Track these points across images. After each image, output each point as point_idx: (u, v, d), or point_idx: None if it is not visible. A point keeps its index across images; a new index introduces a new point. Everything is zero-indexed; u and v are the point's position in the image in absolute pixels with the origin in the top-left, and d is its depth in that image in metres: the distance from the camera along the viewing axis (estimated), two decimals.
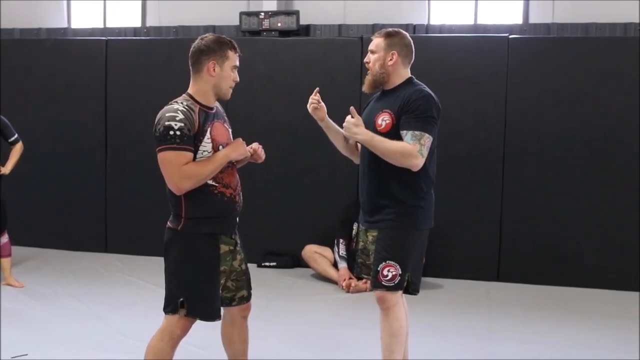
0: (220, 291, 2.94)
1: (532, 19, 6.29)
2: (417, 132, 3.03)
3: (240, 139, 2.94)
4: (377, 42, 3.23)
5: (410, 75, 3.31)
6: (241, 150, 2.90)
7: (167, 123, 2.69)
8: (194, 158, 2.75)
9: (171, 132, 2.68)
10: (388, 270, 3.09)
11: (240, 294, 3.03)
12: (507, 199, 5.78)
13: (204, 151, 2.77)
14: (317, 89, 3.23)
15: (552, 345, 4.24)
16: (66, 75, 6.60)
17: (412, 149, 3.01)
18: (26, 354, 3.86)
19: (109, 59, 6.52)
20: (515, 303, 5.20)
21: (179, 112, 2.72)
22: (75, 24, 7.32)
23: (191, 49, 2.87)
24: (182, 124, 2.69)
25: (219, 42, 2.85)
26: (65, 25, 7.28)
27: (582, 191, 5.65)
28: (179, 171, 2.70)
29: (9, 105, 6.35)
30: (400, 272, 3.09)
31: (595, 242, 5.64)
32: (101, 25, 7.26)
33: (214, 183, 2.82)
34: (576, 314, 4.93)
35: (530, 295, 5.42)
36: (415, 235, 3.16)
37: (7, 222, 5.30)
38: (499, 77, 5.73)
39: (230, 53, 2.86)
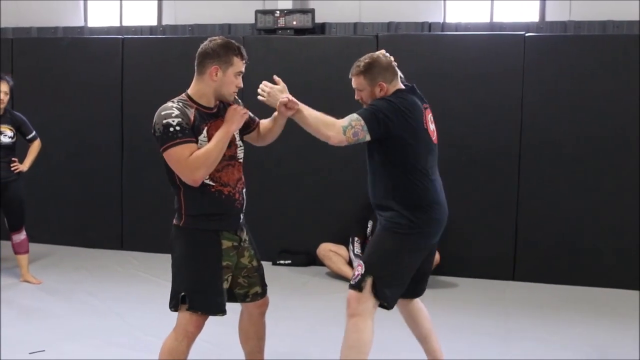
0: (233, 288, 2.97)
1: (549, 17, 6.25)
2: (354, 115, 2.93)
3: (232, 107, 2.87)
4: (358, 81, 3.11)
5: (400, 87, 3.13)
6: (236, 118, 2.83)
7: (164, 121, 2.72)
8: None
9: (171, 129, 2.71)
10: (357, 269, 3.05)
11: (254, 290, 3.05)
12: (522, 198, 5.75)
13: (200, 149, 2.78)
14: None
15: (568, 345, 4.22)
16: (83, 73, 6.64)
17: (335, 121, 2.91)
18: (43, 350, 3.90)
19: (125, 58, 6.56)
20: (531, 303, 5.17)
21: (173, 109, 2.76)
22: (92, 23, 7.36)
23: (199, 49, 2.87)
24: (180, 119, 2.72)
25: (226, 47, 2.82)
26: (82, 24, 7.33)
27: (598, 189, 5.61)
28: (188, 164, 2.71)
29: (26, 104, 6.40)
30: (362, 272, 2.99)
31: (612, 241, 5.60)
32: (117, 24, 7.30)
33: (210, 182, 2.82)
34: (593, 314, 4.90)
35: (547, 295, 5.39)
36: (393, 241, 3.02)
37: (24, 219, 5.35)
38: (514, 76, 5.70)
39: (236, 59, 2.83)
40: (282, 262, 6.13)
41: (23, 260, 5.39)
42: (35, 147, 5.38)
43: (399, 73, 3.18)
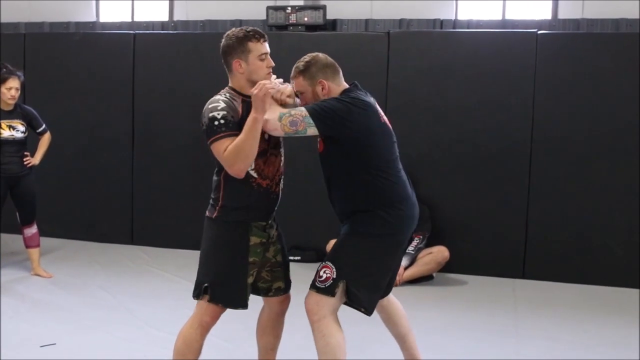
0: (257, 281, 3.00)
1: (562, 15, 6.21)
2: (300, 107, 2.83)
3: (254, 92, 2.71)
4: (298, 83, 2.97)
5: (346, 86, 3.01)
6: (257, 103, 2.69)
7: (210, 115, 2.74)
8: None
9: (216, 123, 2.72)
10: (324, 271, 2.90)
11: (277, 285, 3.08)
12: (533, 195, 5.73)
13: None
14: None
15: (578, 344, 4.20)
16: (94, 68, 6.66)
17: (280, 108, 2.82)
18: (54, 343, 3.92)
19: (136, 53, 6.57)
20: (541, 301, 5.16)
21: (220, 101, 2.77)
22: (104, 18, 7.38)
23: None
24: (225, 112, 2.74)
25: (238, 37, 2.84)
26: (93, 19, 7.35)
27: (609, 188, 5.58)
28: (224, 158, 2.72)
29: (38, 98, 6.44)
30: (334, 277, 2.86)
31: (623, 239, 5.57)
32: (129, 19, 7.31)
33: (255, 174, 2.84)
34: (603, 313, 4.88)
35: (557, 293, 5.37)
36: (368, 243, 2.93)
37: (36, 213, 5.38)
38: (527, 73, 5.68)
39: (251, 45, 2.84)
40: (291, 258, 6.12)
41: (34, 254, 5.42)
42: (45, 141, 5.40)
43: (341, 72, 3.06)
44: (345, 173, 2.95)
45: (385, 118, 3.03)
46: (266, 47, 2.88)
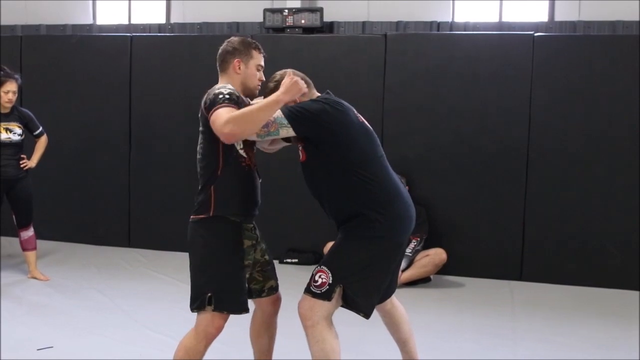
0: (249, 283, 2.99)
1: (558, 17, 6.23)
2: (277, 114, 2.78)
3: (292, 77, 2.81)
4: None
5: (318, 94, 3.01)
6: (293, 89, 2.77)
7: (216, 91, 2.79)
8: None
9: (220, 96, 2.76)
10: (319, 276, 2.85)
11: (269, 284, 3.08)
12: (530, 197, 5.74)
13: None
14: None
15: (575, 346, 4.20)
16: (91, 71, 6.65)
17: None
18: (51, 346, 3.92)
19: (133, 56, 6.57)
20: (539, 303, 5.16)
21: (228, 86, 2.87)
22: (101, 21, 7.38)
23: (219, 51, 2.99)
24: (232, 91, 2.81)
25: (244, 42, 2.99)
26: (90, 21, 7.34)
27: (606, 190, 5.59)
28: (226, 119, 2.65)
29: (35, 101, 6.43)
30: (330, 282, 2.82)
31: (620, 241, 5.58)
32: (126, 22, 7.31)
33: (244, 154, 2.88)
34: (600, 315, 4.89)
35: (554, 295, 5.38)
36: (365, 246, 2.88)
37: (32, 216, 5.37)
38: (523, 76, 5.69)
39: (255, 53, 2.99)
40: (288, 260, 6.13)
41: (31, 256, 5.41)
42: (42, 143, 5.40)
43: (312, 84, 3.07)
44: (331, 178, 2.92)
45: (362, 118, 3.02)
46: (263, 62, 3.02)
